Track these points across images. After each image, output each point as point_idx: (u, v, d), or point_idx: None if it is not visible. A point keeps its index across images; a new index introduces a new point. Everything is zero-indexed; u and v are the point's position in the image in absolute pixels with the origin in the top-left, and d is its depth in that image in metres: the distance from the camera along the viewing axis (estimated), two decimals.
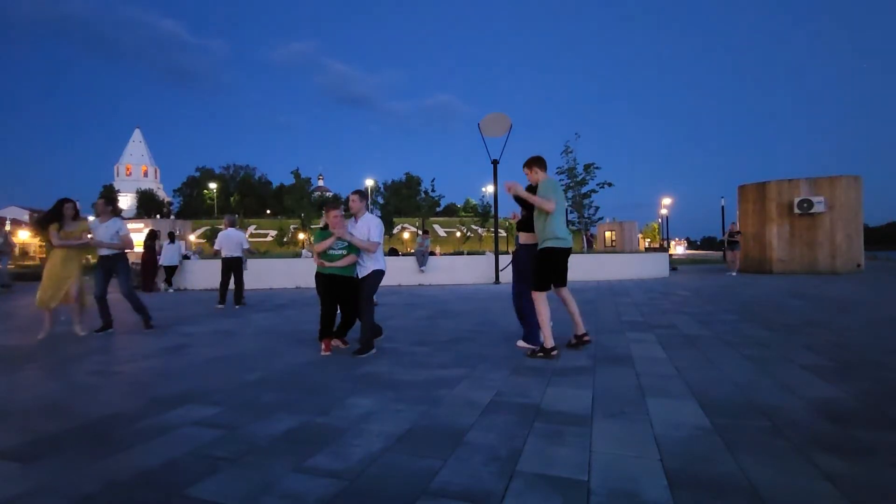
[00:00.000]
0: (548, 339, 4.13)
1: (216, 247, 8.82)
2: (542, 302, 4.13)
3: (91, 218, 6.24)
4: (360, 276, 4.61)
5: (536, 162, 4.38)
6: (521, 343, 4.57)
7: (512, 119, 12.98)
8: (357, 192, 4.69)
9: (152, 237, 13.17)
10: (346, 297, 4.65)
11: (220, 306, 8.44)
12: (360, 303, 4.51)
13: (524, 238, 4.56)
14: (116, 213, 6.37)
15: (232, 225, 8.93)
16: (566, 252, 4.22)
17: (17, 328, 6.55)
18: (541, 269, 4.16)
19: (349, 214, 4.85)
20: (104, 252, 5.96)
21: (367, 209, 4.81)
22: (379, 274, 4.64)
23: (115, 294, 6.17)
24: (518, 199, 4.40)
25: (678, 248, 71.92)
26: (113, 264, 6.01)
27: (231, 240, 8.65)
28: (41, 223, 5.75)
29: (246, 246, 8.92)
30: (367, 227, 4.60)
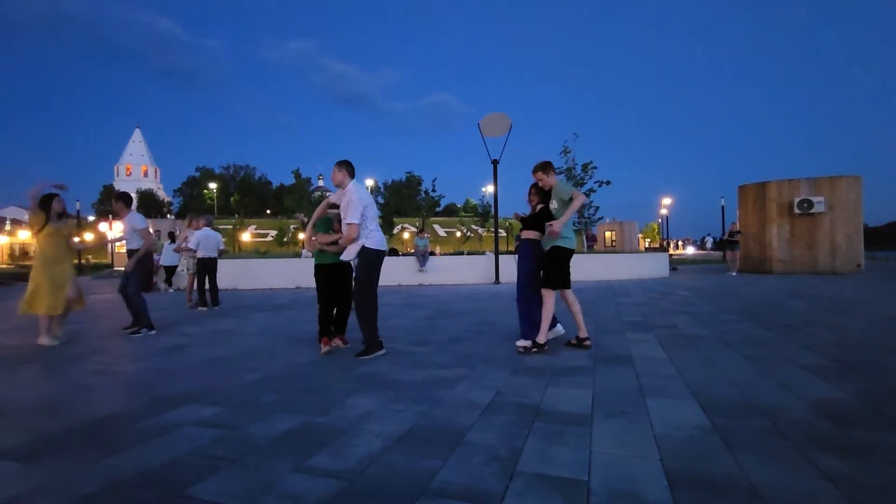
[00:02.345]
0: (543, 335, 4.27)
1: (192, 245, 8.51)
2: (551, 299, 4.28)
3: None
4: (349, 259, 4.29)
5: (550, 166, 4.51)
6: (520, 342, 4.57)
7: (511, 119, 12.98)
8: (337, 162, 4.33)
9: None
10: (343, 287, 4.63)
11: (202, 308, 8.30)
12: (354, 293, 4.24)
13: (529, 234, 4.60)
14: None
15: (209, 224, 8.82)
16: (572, 253, 4.36)
17: (17, 328, 6.55)
18: (556, 267, 4.30)
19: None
20: (131, 247, 5.96)
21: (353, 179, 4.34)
22: (366, 253, 4.15)
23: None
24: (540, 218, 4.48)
25: (688, 248, 65.88)
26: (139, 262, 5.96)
27: (210, 240, 8.50)
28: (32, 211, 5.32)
29: (222, 247, 8.82)
30: (347, 200, 4.20)
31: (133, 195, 6.85)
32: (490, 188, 18.79)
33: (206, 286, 8.57)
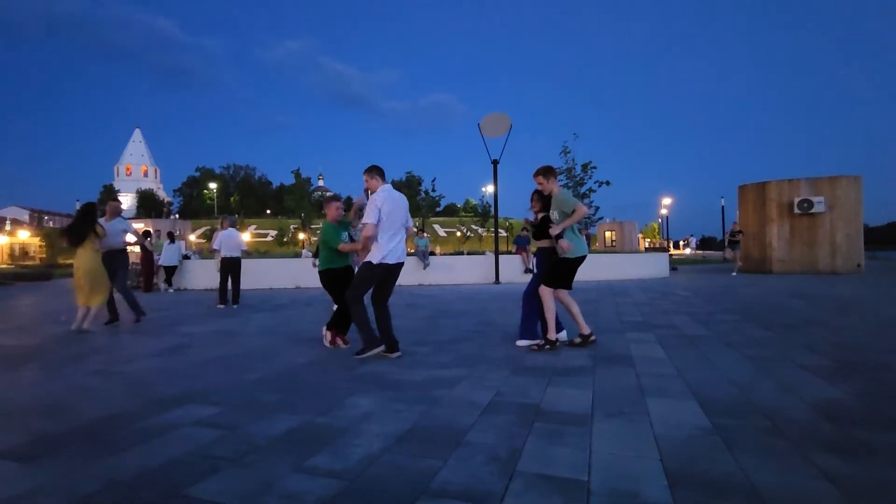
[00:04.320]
0: (552, 332, 4.35)
1: (215, 246, 8.80)
2: (550, 297, 4.35)
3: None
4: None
5: (552, 171, 4.54)
6: (520, 342, 4.58)
7: (511, 118, 12.98)
8: (365, 170, 4.25)
9: (145, 236, 13.17)
10: (343, 286, 4.62)
11: (221, 306, 8.49)
12: (346, 295, 4.24)
13: (542, 243, 4.65)
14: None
15: (233, 225, 9.05)
16: (582, 259, 4.40)
17: (17, 328, 6.56)
18: (559, 270, 4.37)
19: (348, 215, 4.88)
20: (112, 249, 6.35)
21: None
22: (365, 267, 4.14)
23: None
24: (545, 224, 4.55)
25: (687, 249, 64.00)
26: (116, 261, 6.45)
27: (232, 240, 8.74)
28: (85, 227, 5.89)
29: (244, 247, 9.02)
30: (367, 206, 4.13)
31: (133, 195, 7.12)
32: (490, 188, 18.80)
33: (229, 285, 8.74)
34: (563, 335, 4.70)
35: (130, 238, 6.70)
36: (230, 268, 8.70)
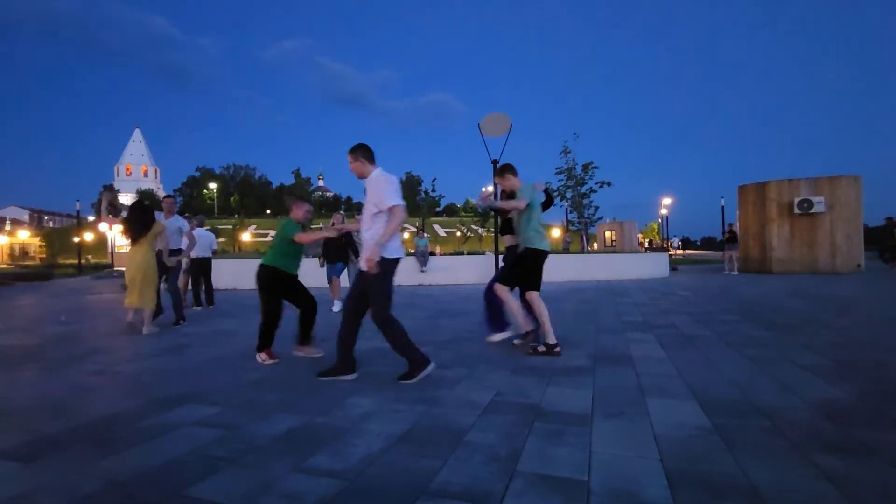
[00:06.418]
0: (550, 336, 4.18)
1: (182, 246, 8.64)
2: (540, 301, 4.25)
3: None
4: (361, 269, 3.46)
5: (509, 169, 4.54)
6: (516, 341, 4.59)
7: (511, 118, 12.96)
8: (350, 150, 3.53)
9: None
10: (305, 294, 4.31)
11: (197, 308, 8.27)
12: (377, 314, 3.40)
13: (510, 241, 4.80)
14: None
15: (201, 225, 8.86)
16: (545, 255, 4.32)
17: (17, 328, 6.56)
18: (534, 269, 4.30)
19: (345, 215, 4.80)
20: (175, 247, 6.63)
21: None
22: (385, 265, 3.36)
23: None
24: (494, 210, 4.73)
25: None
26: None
27: (202, 240, 8.50)
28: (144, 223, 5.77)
29: (215, 247, 8.86)
30: (378, 189, 3.40)
31: (133, 195, 7.06)
32: (490, 188, 18.76)
33: (202, 286, 8.59)
34: (511, 331, 4.81)
35: (185, 242, 6.89)
36: (202, 268, 8.50)
